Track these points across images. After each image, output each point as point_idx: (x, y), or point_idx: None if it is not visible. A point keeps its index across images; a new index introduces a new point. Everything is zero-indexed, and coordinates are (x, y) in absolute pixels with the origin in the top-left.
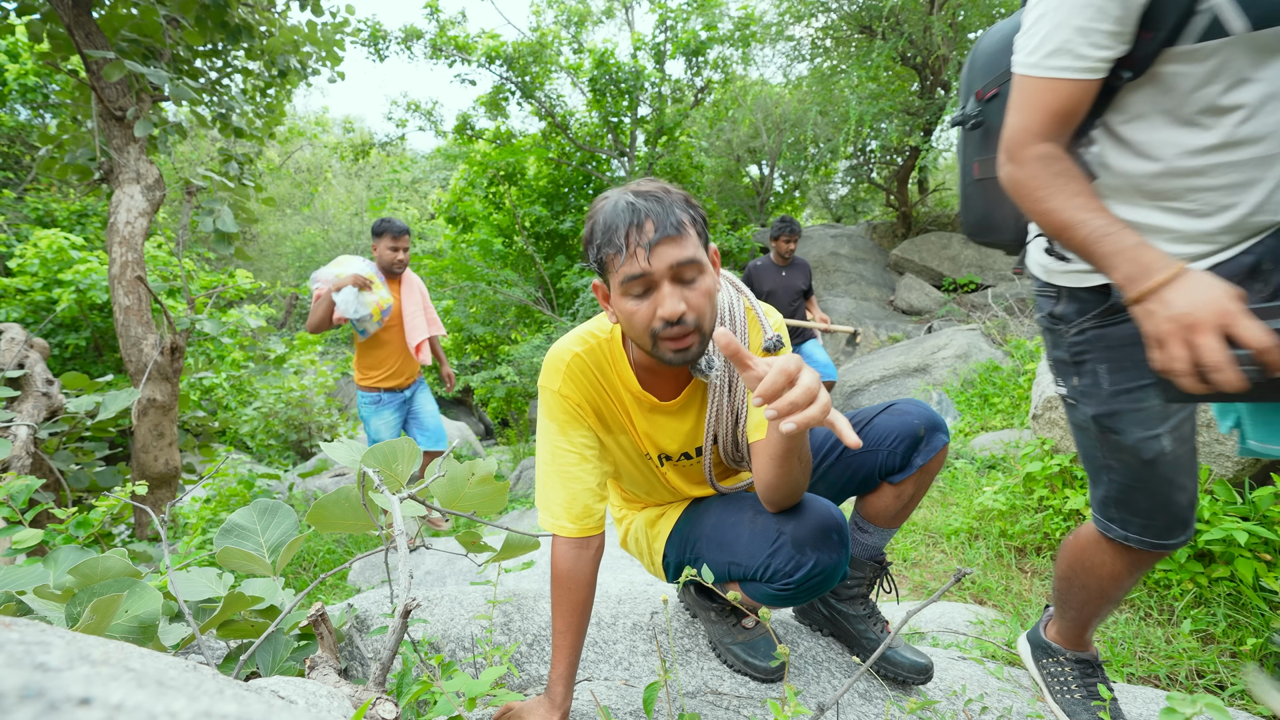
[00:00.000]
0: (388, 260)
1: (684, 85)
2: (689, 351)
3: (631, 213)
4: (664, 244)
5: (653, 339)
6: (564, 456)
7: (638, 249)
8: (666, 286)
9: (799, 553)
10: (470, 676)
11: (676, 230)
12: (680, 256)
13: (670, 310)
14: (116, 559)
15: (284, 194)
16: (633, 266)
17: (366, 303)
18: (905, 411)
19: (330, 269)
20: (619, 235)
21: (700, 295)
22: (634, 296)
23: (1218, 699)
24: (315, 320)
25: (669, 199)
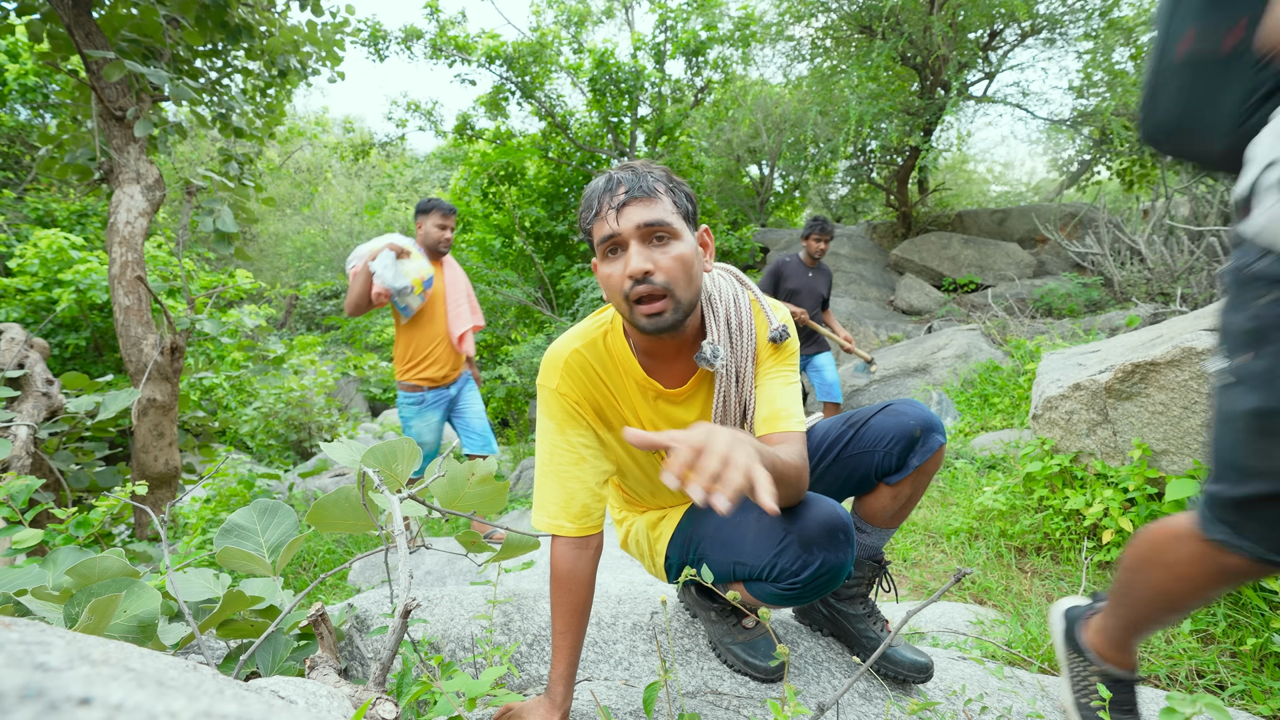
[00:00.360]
0: (434, 239)
1: (684, 85)
2: (662, 317)
3: (608, 180)
4: (632, 204)
5: (629, 303)
6: (562, 456)
7: (608, 211)
8: (634, 245)
9: (806, 552)
10: (470, 676)
11: (646, 194)
12: (648, 217)
13: (634, 267)
14: (115, 559)
15: (284, 194)
16: (603, 228)
17: (406, 272)
18: (901, 412)
19: (365, 246)
20: (595, 201)
21: (670, 259)
22: (609, 260)
23: (1218, 699)
24: (354, 297)
25: (646, 170)
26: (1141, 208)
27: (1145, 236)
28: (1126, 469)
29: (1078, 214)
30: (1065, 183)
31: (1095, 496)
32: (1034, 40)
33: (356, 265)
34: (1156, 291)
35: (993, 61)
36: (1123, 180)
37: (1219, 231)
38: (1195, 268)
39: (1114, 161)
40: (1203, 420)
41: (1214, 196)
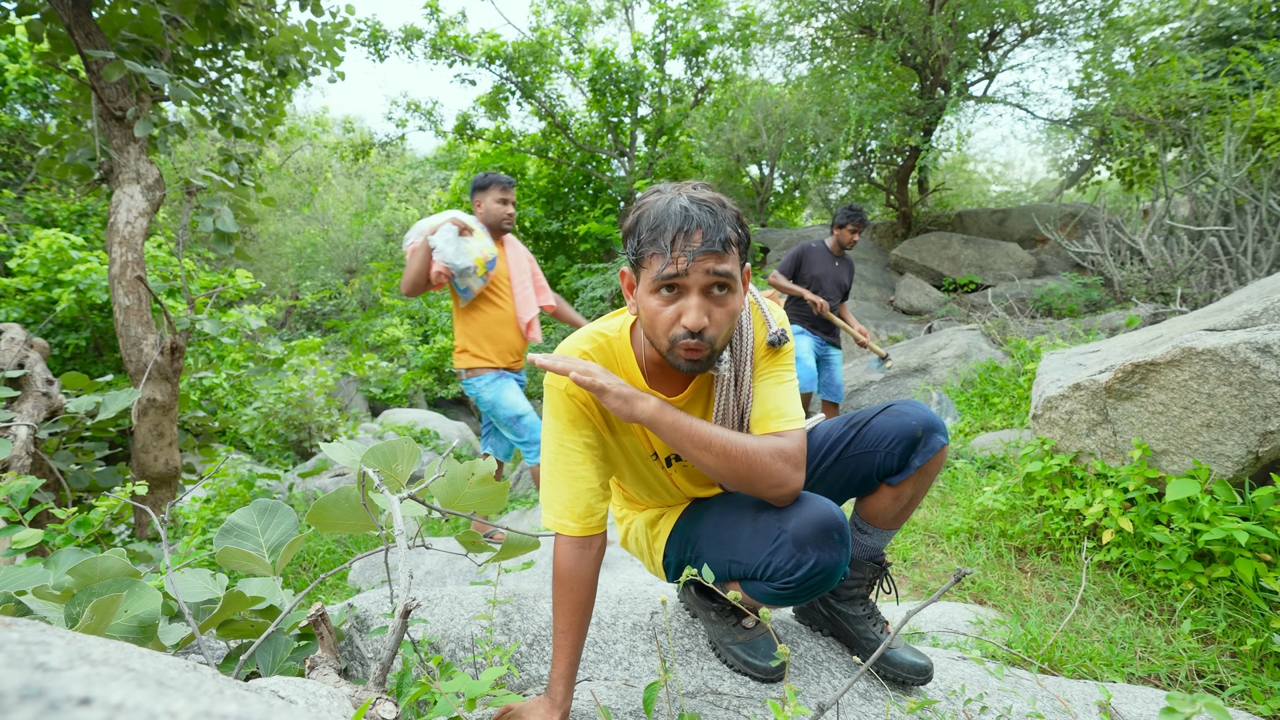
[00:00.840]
0: (496, 215)
1: (684, 85)
2: (699, 363)
3: (684, 218)
4: (707, 257)
5: (670, 343)
6: (568, 455)
7: (681, 255)
8: (695, 298)
9: (800, 551)
10: (470, 676)
11: (722, 248)
12: (720, 269)
13: (694, 322)
14: (116, 559)
15: (284, 194)
16: (671, 269)
17: (468, 251)
18: (903, 413)
19: (425, 221)
20: (665, 238)
21: (725, 314)
22: (661, 298)
23: (1218, 699)
24: (412, 275)
25: (723, 214)
26: (1141, 208)
27: (1145, 236)
28: (1126, 469)
29: (1078, 214)
30: (1065, 183)
31: (1095, 496)
32: (1034, 40)
33: (415, 241)
34: (1156, 291)
35: (993, 61)
36: (1123, 180)
37: (1219, 231)
38: (1195, 268)
39: (1114, 161)
40: (1203, 420)
41: (1214, 196)
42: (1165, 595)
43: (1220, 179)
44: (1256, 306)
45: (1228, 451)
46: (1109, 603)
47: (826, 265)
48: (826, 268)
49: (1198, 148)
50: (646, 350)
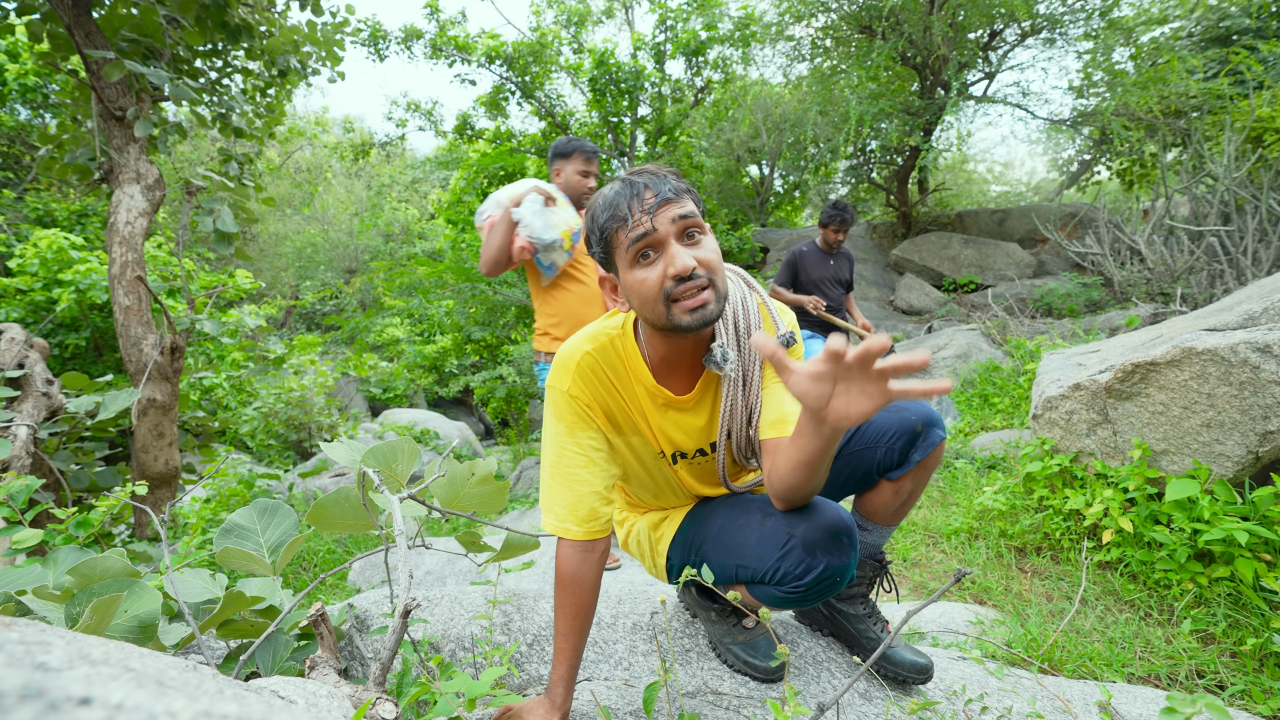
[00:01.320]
0: (577, 188)
1: (684, 85)
2: (706, 310)
3: (629, 186)
4: (665, 205)
5: (667, 303)
6: (571, 458)
7: (640, 214)
8: (674, 245)
9: (809, 556)
10: (470, 677)
11: (674, 194)
12: (682, 211)
13: (682, 265)
14: (116, 559)
15: (284, 194)
16: (638, 229)
17: (554, 223)
18: (902, 408)
19: (504, 191)
20: (622, 208)
21: (708, 251)
22: (643, 264)
23: (1218, 699)
24: (492, 251)
25: (662, 173)
26: (1141, 208)
27: (1145, 236)
28: (1126, 469)
29: (1078, 214)
30: (1065, 183)
31: (1095, 496)
32: (1034, 40)
33: (493, 214)
34: (1156, 291)
35: (993, 61)
36: (1123, 180)
37: (1219, 231)
38: (1195, 268)
39: (1114, 161)
40: (1203, 420)
41: (1214, 196)
42: (1165, 595)
43: (1220, 179)
44: (1256, 306)
45: (1228, 451)
46: (1109, 603)
47: (822, 266)
48: (823, 269)
49: (1198, 148)
50: (652, 347)
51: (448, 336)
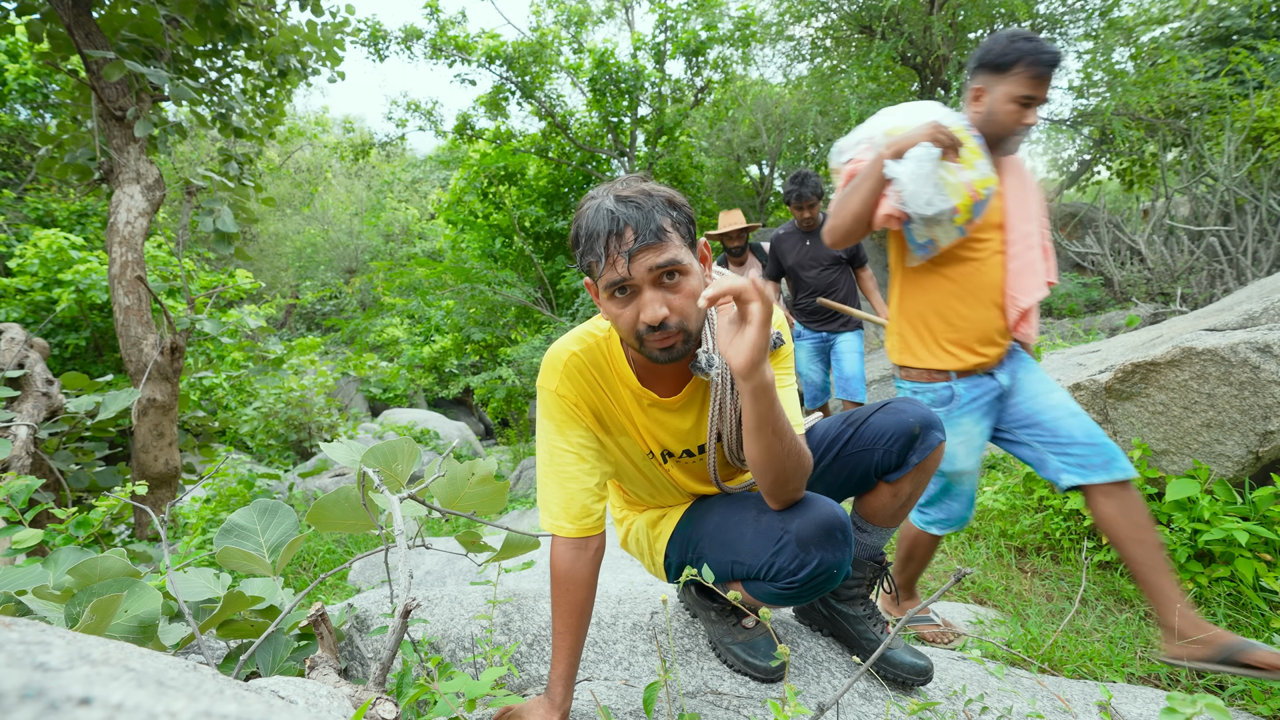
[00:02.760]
0: (1006, 123)
1: (684, 85)
2: (673, 350)
3: (610, 220)
4: (644, 252)
5: (639, 339)
6: (561, 456)
7: (617, 257)
8: (648, 292)
9: (803, 551)
10: (470, 677)
11: (656, 238)
12: (660, 261)
13: (651, 316)
14: (116, 559)
15: (284, 194)
16: (613, 274)
17: (948, 188)
18: (901, 410)
19: (874, 125)
20: (599, 244)
21: (683, 298)
22: (618, 299)
23: (1218, 699)
24: (849, 217)
25: (649, 204)
26: (1141, 208)
27: (1145, 236)
28: None
29: (1078, 214)
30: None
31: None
32: None
33: (859, 158)
34: (1156, 291)
35: None
36: (1123, 180)
37: (1219, 231)
38: (1195, 268)
39: (1114, 161)
40: (1203, 420)
41: (1214, 196)
42: None
43: (1220, 179)
44: (1256, 306)
45: (1228, 451)
46: (1109, 603)
47: (798, 249)
48: (799, 252)
49: (1198, 148)
50: (635, 351)
51: (448, 337)
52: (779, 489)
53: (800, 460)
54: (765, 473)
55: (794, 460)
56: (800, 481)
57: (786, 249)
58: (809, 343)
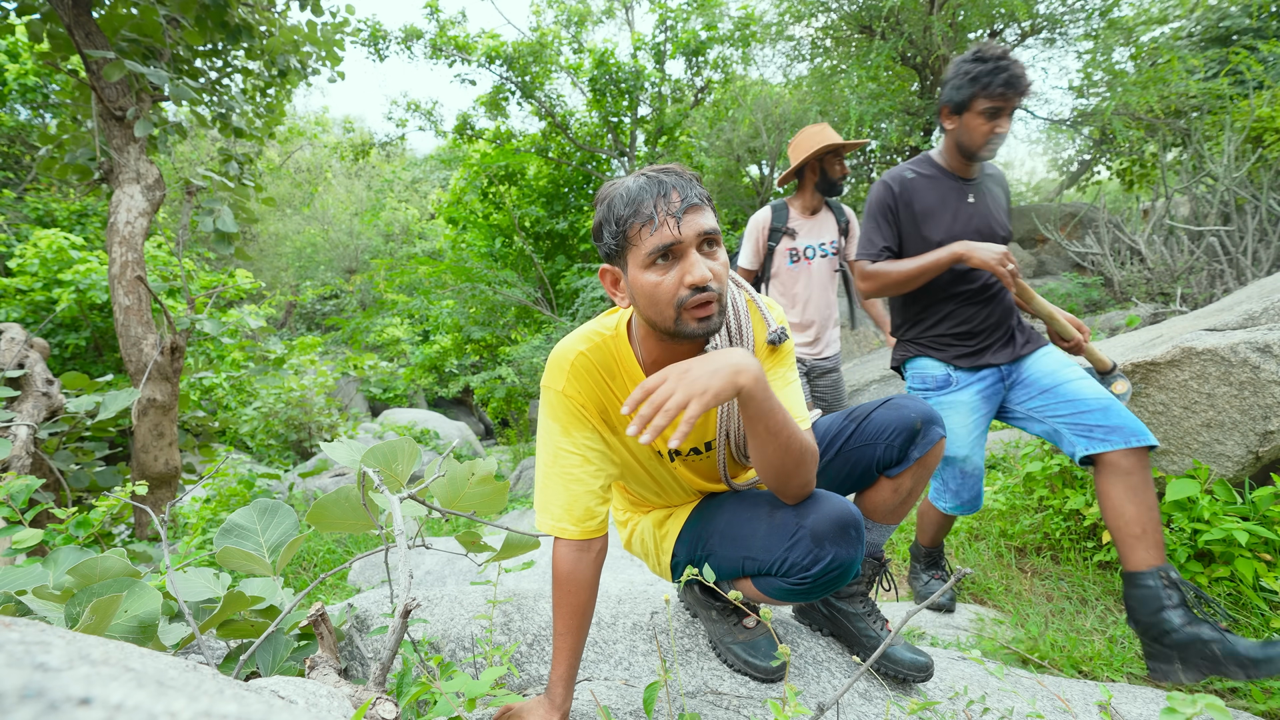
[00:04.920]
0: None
1: (684, 85)
2: (712, 321)
3: (657, 185)
4: (691, 212)
5: (677, 310)
6: (566, 458)
7: (668, 217)
8: (694, 254)
9: (817, 547)
10: (470, 676)
11: (700, 200)
12: (706, 225)
13: (699, 275)
14: (116, 559)
15: (284, 194)
16: (663, 236)
17: None
18: (902, 406)
19: None
20: (646, 205)
21: (721, 266)
22: (658, 269)
23: (1218, 699)
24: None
25: (687, 175)
26: (1141, 208)
27: (1145, 236)
28: None
29: (1078, 214)
30: (1065, 183)
31: (1095, 497)
32: (1034, 40)
33: None
34: (1156, 291)
35: None
36: (1123, 180)
37: (1219, 231)
38: (1195, 268)
39: (1114, 161)
40: (1203, 420)
41: (1214, 196)
42: None
43: (1220, 179)
44: (1256, 306)
45: (1228, 451)
46: (1109, 603)
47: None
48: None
49: (1198, 148)
50: (646, 348)
51: (448, 336)
52: (783, 484)
53: (802, 457)
54: (766, 471)
55: (794, 457)
56: (806, 476)
57: None
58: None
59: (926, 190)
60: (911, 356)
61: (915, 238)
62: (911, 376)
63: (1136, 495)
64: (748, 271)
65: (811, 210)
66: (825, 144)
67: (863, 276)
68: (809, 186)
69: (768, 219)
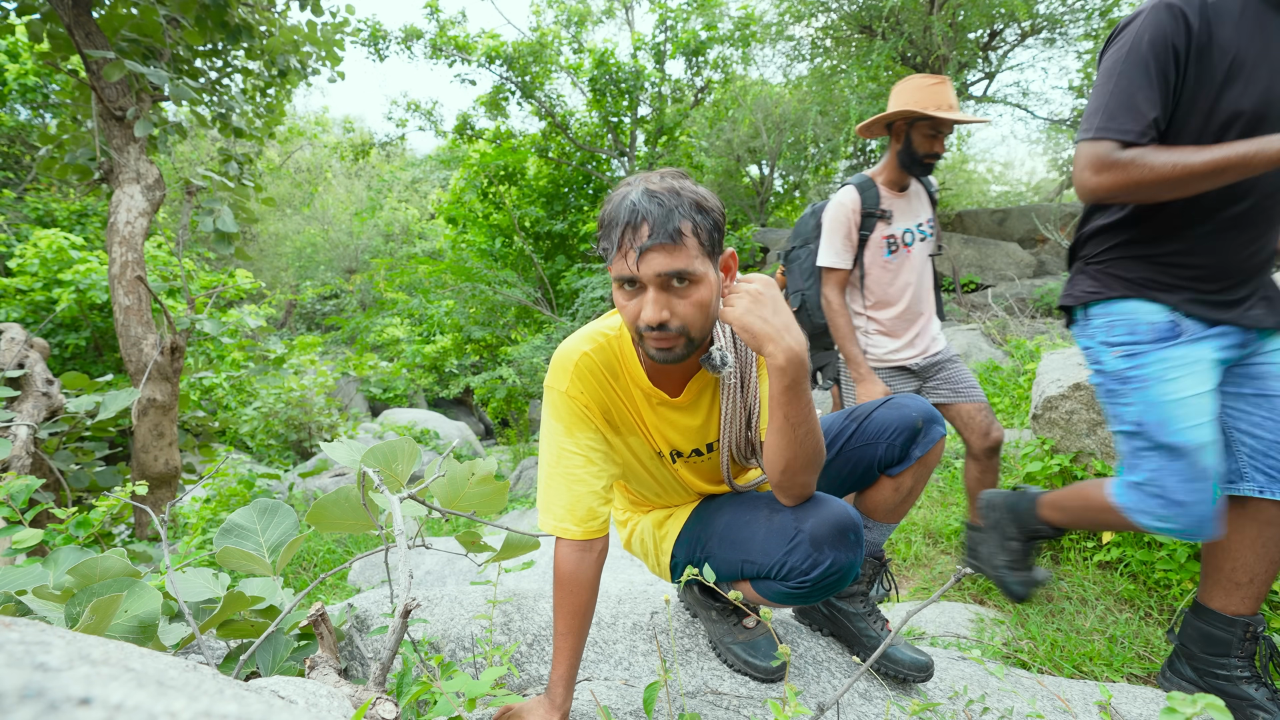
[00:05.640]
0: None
1: (684, 85)
2: (671, 353)
3: (630, 213)
4: (654, 251)
5: (638, 334)
6: (569, 458)
7: (629, 250)
8: (651, 293)
9: (816, 551)
10: (470, 676)
11: (671, 239)
12: (669, 267)
13: (648, 318)
14: (116, 559)
15: (284, 194)
16: (621, 268)
17: None
18: (903, 405)
19: None
20: (615, 233)
21: (689, 305)
22: (625, 293)
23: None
24: None
25: (674, 203)
26: None
27: None
28: None
29: (1078, 214)
30: (1065, 183)
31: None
32: (1034, 40)
33: None
34: None
35: (993, 61)
36: None
37: None
38: None
39: None
40: None
41: None
42: (1165, 595)
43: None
44: None
45: None
46: (1109, 603)
47: None
48: None
49: None
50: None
51: (448, 336)
52: (788, 481)
53: (814, 456)
54: (775, 463)
55: (808, 454)
56: (811, 476)
57: None
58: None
59: (1239, 23)
60: (1112, 296)
61: (1204, 103)
62: (1101, 325)
63: (1269, 550)
64: (840, 272)
65: (900, 186)
66: (929, 108)
67: (1103, 166)
68: (894, 156)
69: (857, 202)
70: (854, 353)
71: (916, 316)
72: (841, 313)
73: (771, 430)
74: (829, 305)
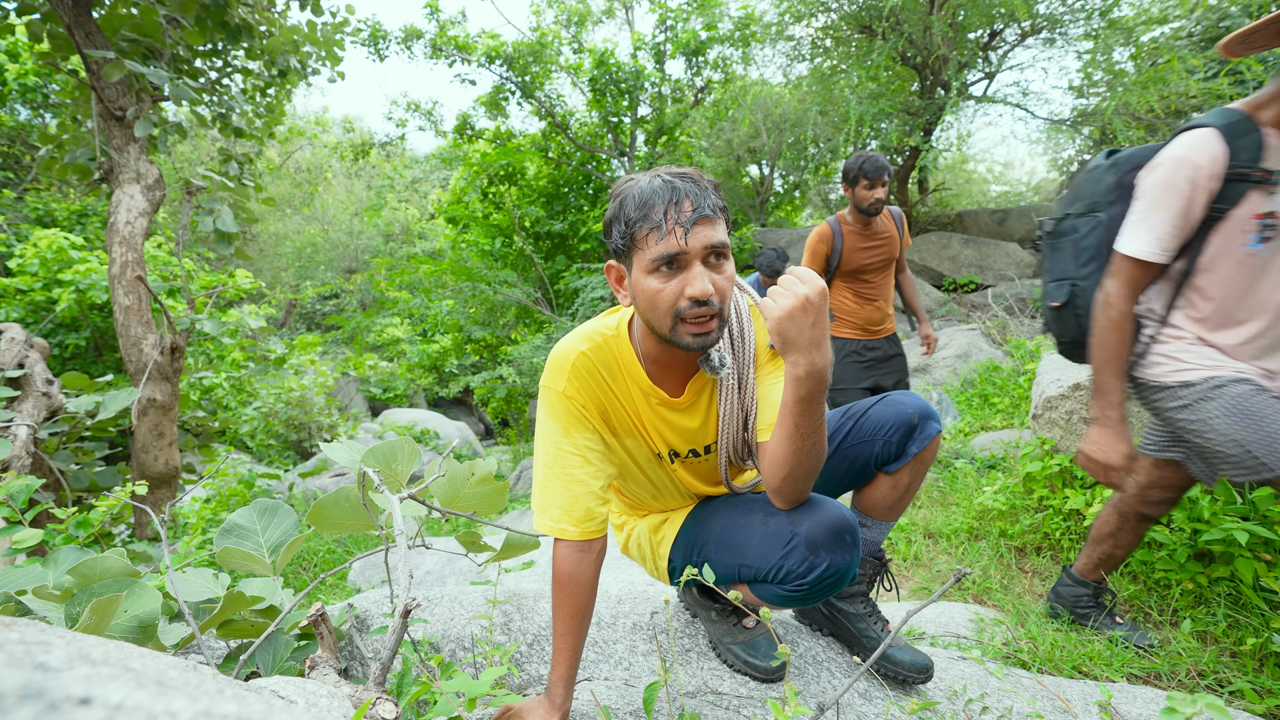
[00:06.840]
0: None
1: (684, 85)
2: (709, 336)
3: (670, 190)
4: (701, 224)
5: (674, 321)
6: (567, 458)
7: (676, 226)
8: (698, 266)
9: (812, 554)
10: (470, 676)
11: (713, 212)
12: (715, 239)
13: (701, 289)
14: (116, 559)
15: (284, 194)
16: (669, 245)
17: None
18: (899, 401)
19: None
20: (656, 212)
21: (726, 280)
22: (661, 276)
23: (1218, 699)
24: None
25: (704, 183)
26: None
27: None
28: None
29: None
30: (1065, 182)
31: (1095, 496)
32: (1034, 40)
33: None
34: None
35: (993, 61)
36: None
37: None
38: None
39: None
40: None
41: None
42: (1165, 595)
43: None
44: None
45: None
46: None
47: None
48: None
49: None
50: (646, 347)
51: (448, 336)
52: (788, 487)
53: (820, 465)
54: (777, 469)
55: (811, 464)
56: (811, 483)
57: None
58: None
59: None
60: None
61: None
62: None
63: None
64: (1146, 266)
65: None
66: None
67: None
68: None
69: (1222, 157)
70: (1111, 386)
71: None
72: (1120, 326)
73: (778, 436)
74: (1107, 307)
